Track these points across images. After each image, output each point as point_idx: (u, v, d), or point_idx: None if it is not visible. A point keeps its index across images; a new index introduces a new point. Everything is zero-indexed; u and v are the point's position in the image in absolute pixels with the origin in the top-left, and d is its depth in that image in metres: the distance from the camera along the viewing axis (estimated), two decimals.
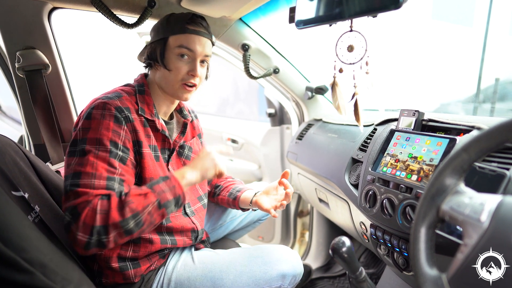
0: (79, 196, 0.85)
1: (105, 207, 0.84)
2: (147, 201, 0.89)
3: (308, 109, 1.94)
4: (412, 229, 0.65)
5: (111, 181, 0.90)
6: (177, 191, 0.94)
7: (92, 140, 0.91)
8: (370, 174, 1.11)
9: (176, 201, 0.94)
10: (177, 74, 1.04)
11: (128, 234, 0.87)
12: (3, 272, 0.69)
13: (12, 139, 1.01)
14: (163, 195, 0.91)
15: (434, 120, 1.06)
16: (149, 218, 0.89)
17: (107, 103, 0.95)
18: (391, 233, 1.02)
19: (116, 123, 0.94)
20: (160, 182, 0.94)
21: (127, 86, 1.09)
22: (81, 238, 0.82)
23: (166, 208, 0.92)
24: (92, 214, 0.83)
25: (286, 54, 1.71)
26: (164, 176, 0.97)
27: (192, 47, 1.03)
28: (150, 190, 0.91)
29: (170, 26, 1.04)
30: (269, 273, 1.07)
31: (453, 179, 0.64)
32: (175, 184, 0.94)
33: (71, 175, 0.88)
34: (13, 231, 0.73)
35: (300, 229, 2.34)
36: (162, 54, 1.04)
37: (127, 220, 0.85)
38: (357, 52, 0.84)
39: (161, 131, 1.08)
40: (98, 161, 0.89)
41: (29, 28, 1.18)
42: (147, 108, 1.05)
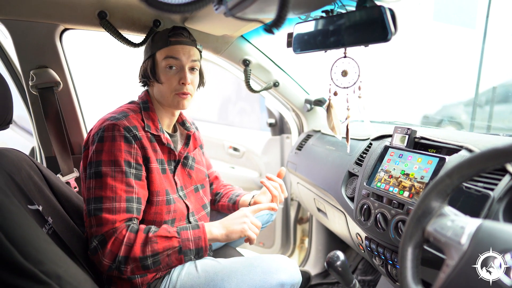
0: (104, 224, 0.93)
1: (131, 240, 0.93)
2: (169, 244, 0.96)
3: (308, 120, 2.00)
4: (400, 248, 0.71)
5: (130, 202, 0.98)
6: (200, 243, 1.00)
7: (107, 162, 0.98)
8: (365, 188, 1.16)
9: (196, 252, 1.00)
10: (169, 85, 1.10)
11: (144, 269, 0.95)
12: (23, 284, 0.75)
13: (25, 153, 1.07)
14: (187, 243, 0.98)
15: (426, 138, 1.11)
16: (166, 260, 0.97)
17: (115, 124, 1.01)
18: (384, 246, 1.07)
19: (126, 143, 1.01)
20: (189, 228, 1.01)
21: (132, 104, 1.16)
22: (106, 263, 0.92)
23: (185, 255, 0.98)
24: (118, 244, 0.92)
25: (286, 68, 1.77)
26: (195, 224, 1.03)
27: (177, 55, 1.08)
28: (176, 235, 0.98)
29: (155, 42, 1.11)
30: (268, 282, 1.11)
31: (438, 202, 0.69)
32: (201, 235, 1.00)
33: (92, 199, 0.96)
34: (31, 245, 0.79)
35: (300, 235, 2.39)
36: (152, 70, 1.11)
37: (146, 257, 0.94)
38: (350, 77, 0.90)
39: (166, 145, 1.14)
40: (116, 183, 0.97)
41: (42, 48, 1.25)
42: (152, 124, 1.11)
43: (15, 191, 0.89)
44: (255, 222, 1.09)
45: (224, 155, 2.74)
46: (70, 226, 1.12)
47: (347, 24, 0.81)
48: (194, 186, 1.26)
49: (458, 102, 4.90)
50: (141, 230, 0.96)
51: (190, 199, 1.22)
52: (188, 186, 1.24)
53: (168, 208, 1.11)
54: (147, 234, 0.96)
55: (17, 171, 0.95)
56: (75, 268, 0.90)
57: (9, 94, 0.95)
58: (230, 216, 1.09)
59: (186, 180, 1.24)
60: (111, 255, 0.92)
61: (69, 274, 0.84)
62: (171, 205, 1.11)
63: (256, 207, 1.13)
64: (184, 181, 1.23)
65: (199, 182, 1.29)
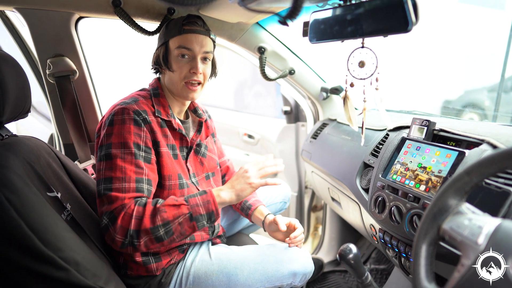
0: (114, 201, 0.95)
1: (140, 213, 0.93)
2: (179, 212, 0.96)
3: (323, 108, 1.96)
4: (414, 244, 0.69)
5: (140, 183, 0.99)
6: (210, 207, 0.99)
7: (117, 144, 0.99)
8: (380, 180, 1.14)
9: (208, 216, 0.99)
10: (180, 73, 1.09)
11: (158, 241, 0.95)
12: (43, 269, 0.79)
13: (44, 141, 1.10)
14: (196, 208, 0.98)
15: (445, 131, 1.07)
16: (179, 229, 0.96)
17: (125, 108, 1.02)
18: (398, 239, 1.06)
19: (136, 125, 1.02)
20: (197, 195, 1.00)
21: (142, 91, 1.16)
22: (118, 239, 0.93)
23: (197, 221, 0.97)
24: (128, 218, 0.93)
25: (302, 55, 1.73)
26: (202, 190, 1.03)
27: (189, 45, 1.08)
28: (184, 202, 0.98)
29: (168, 30, 1.10)
30: (280, 271, 1.13)
31: (455, 200, 0.67)
32: (210, 199, 1.00)
33: (102, 180, 0.98)
34: (50, 232, 0.82)
35: (314, 223, 2.39)
36: (165, 58, 1.10)
37: (157, 227, 0.93)
38: (368, 68, 0.87)
39: (178, 130, 1.14)
40: (125, 164, 0.98)
41: (58, 37, 1.26)
42: (162, 110, 1.12)
43: (34, 179, 0.92)
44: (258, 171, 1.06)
45: (239, 142, 2.74)
46: (88, 212, 1.15)
47: (366, 13, 0.78)
48: (205, 173, 1.27)
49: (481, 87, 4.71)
50: (149, 203, 0.96)
51: (201, 186, 1.24)
52: (200, 173, 1.25)
53: (182, 193, 1.12)
54: (155, 205, 0.96)
55: (36, 159, 0.98)
56: (92, 255, 0.93)
57: (27, 84, 0.97)
58: (235, 176, 1.07)
59: (198, 167, 1.25)
60: (122, 230, 0.92)
61: (86, 260, 0.87)
62: (184, 189, 1.12)
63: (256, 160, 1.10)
64: (196, 168, 1.24)
65: (211, 170, 1.29)
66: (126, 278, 1.14)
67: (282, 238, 1.25)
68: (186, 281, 1.14)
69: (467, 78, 5.04)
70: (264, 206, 1.37)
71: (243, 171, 1.06)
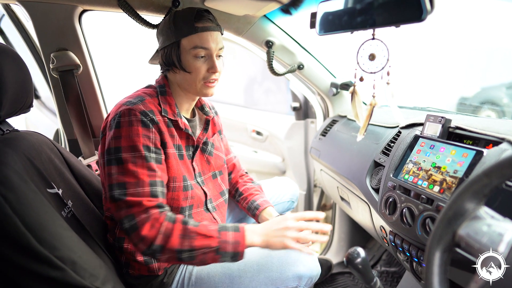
0: (132, 205, 0.93)
1: (169, 231, 0.92)
2: (207, 243, 0.94)
3: (333, 105, 1.91)
4: (426, 251, 0.64)
5: (154, 186, 0.96)
6: (238, 248, 0.97)
7: (127, 148, 0.96)
8: (391, 180, 1.08)
9: (233, 255, 0.97)
10: (198, 74, 1.05)
11: (178, 261, 0.94)
12: (39, 268, 0.77)
13: (46, 136, 1.08)
14: (225, 245, 0.95)
15: (461, 128, 1.01)
16: (201, 257, 0.95)
17: (131, 109, 0.98)
18: (410, 242, 1.01)
19: (144, 127, 0.98)
20: (230, 230, 0.98)
21: (148, 88, 1.12)
22: (141, 247, 0.92)
23: (221, 257, 0.96)
24: (155, 232, 0.91)
25: (311, 49, 1.67)
26: (237, 226, 1.00)
27: (206, 45, 1.03)
28: (216, 234, 0.95)
29: (178, 28, 1.03)
30: (285, 274, 1.09)
31: (472, 204, 0.61)
32: (240, 241, 0.97)
33: (116, 185, 0.95)
34: (46, 230, 0.80)
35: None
36: (178, 58, 1.05)
37: (183, 251, 0.92)
38: (378, 61, 0.82)
39: (184, 130, 1.11)
40: (137, 168, 0.95)
41: (61, 30, 1.24)
42: (169, 109, 1.08)
43: (33, 175, 0.90)
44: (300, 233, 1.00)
45: (247, 138, 2.70)
46: (90, 209, 1.13)
47: (376, 2, 0.72)
48: (212, 172, 1.23)
49: (499, 84, 4.54)
50: (178, 221, 0.95)
51: (208, 185, 1.20)
52: (206, 172, 1.21)
53: (185, 195, 1.09)
54: (186, 226, 0.94)
55: (37, 154, 0.96)
56: (91, 253, 0.91)
57: (28, 78, 0.95)
58: (273, 224, 1.02)
59: (205, 166, 1.21)
60: (146, 241, 0.91)
61: (83, 260, 0.84)
62: (188, 191, 1.09)
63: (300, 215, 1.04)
64: (202, 167, 1.20)
65: (217, 168, 1.26)
66: (127, 277, 1.12)
67: None
68: (189, 281, 1.11)
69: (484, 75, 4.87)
70: (272, 207, 1.33)
71: (284, 226, 1.00)
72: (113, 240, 1.11)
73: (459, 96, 4.65)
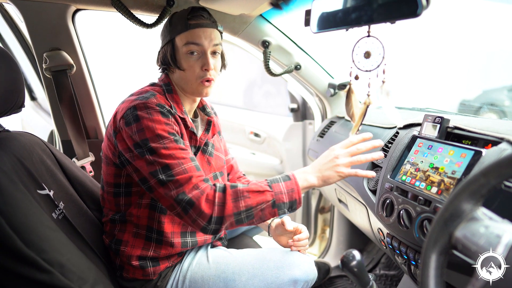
0: (183, 183, 0.92)
1: (222, 199, 0.92)
2: (262, 199, 0.93)
3: (331, 106, 1.89)
4: (422, 253, 0.62)
5: (194, 161, 0.97)
6: (294, 196, 0.95)
7: (153, 138, 0.94)
8: (388, 181, 1.06)
9: (290, 205, 0.95)
10: (192, 72, 1.04)
11: (238, 223, 0.94)
12: (25, 271, 0.75)
13: (39, 137, 1.07)
14: (280, 196, 0.94)
15: (460, 128, 0.99)
16: (260, 214, 0.94)
17: (147, 103, 0.97)
18: (407, 245, 0.98)
19: (164, 117, 0.97)
20: (280, 181, 0.96)
21: (154, 86, 1.10)
22: (200, 223, 0.91)
23: (279, 209, 0.94)
24: (211, 205, 0.91)
25: (308, 50, 1.66)
26: (286, 175, 0.98)
27: (198, 41, 1.01)
28: (268, 188, 0.94)
29: (173, 26, 1.03)
30: (280, 278, 1.07)
31: (469, 204, 0.59)
32: (294, 187, 0.95)
33: (160, 170, 0.93)
34: (34, 232, 0.78)
35: (321, 225, 2.32)
36: (173, 57, 1.04)
37: (240, 213, 0.92)
38: (374, 59, 0.79)
39: (190, 129, 1.09)
40: (172, 151, 0.94)
41: (54, 30, 1.23)
42: (177, 106, 1.07)
43: (23, 176, 0.88)
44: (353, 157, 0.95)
45: (245, 140, 2.69)
46: (83, 211, 1.11)
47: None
48: (213, 173, 1.21)
49: (501, 86, 4.52)
50: (228, 187, 0.94)
51: None
52: (207, 173, 1.19)
53: None
54: (236, 189, 0.93)
55: (28, 155, 0.95)
56: (81, 256, 0.89)
57: (19, 77, 0.93)
58: (322, 159, 0.98)
59: (205, 167, 1.19)
60: (205, 216, 0.90)
61: (72, 263, 0.82)
62: None
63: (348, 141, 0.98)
64: (203, 168, 1.18)
65: (218, 169, 1.24)
66: (121, 280, 1.10)
67: (287, 243, 1.19)
68: (182, 285, 1.09)
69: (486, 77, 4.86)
70: None
71: (333, 155, 0.96)
72: (110, 242, 1.09)
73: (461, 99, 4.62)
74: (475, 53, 4.80)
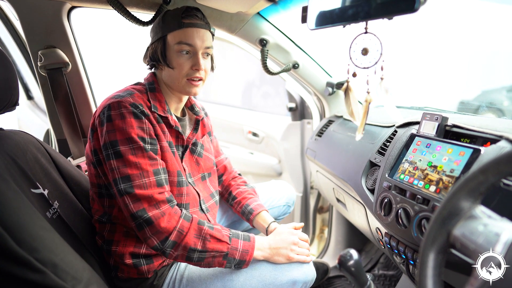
0: (140, 199, 0.93)
1: (185, 228, 0.95)
2: (218, 247, 0.98)
3: (330, 105, 1.88)
4: (420, 252, 0.61)
5: (158, 175, 0.97)
6: (245, 257, 1.01)
7: (123, 141, 0.94)
8: (386, 180, 1.05)
9: (238, 262, 1.01)
10: (181, 70, 1.03)
11: (187, 260, 0.97)
12: (17, 271, 0.73)
13: (34, 136, 1.06)
14: (234, 251, 1.00)
15: (458, 126, 0.98)
16: (209, 260, 0.98)
17: (121, 102, 0.97)
18: (405, 244, 0.97)
19: (136, 118, 0.97)
20: (241, 238, 1.03)
21: (137, 85, 1.11)
22: (153, 241, 0.93)
23: (227, 262, 1.00)
24: (171, 227, 0.93)
25: (307, 48, 1.65)
26: (247, 235, 1.05)
27: (191, 41, 1.01)
28: (228, 240, 1.00)
29: (166, 23, 1.03)
30: (279, 279, 1.05)
31: (468, 202, 0.58)
32: (249, 250, 1.02)
33: (120, 179, 0.94)
34: (26, 231, 0.77)
35: (320, 225, 2.31)
36: (163, 54, 1.04)
37: (195, 250, 0.95)
38: (371, 56, 0.78)
39: (174, 127, 1.09)
40: (138, 159, 0.94)
41: (49, 27, 1.21)
42: (159, 105, 1.06)
43: (16, 175, 0.87)
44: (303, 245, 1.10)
45: (243, 140, 2.67)
46: (78, 210, 1.10)
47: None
48: (201, 174, 1.20)
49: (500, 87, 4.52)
50: (195, 220, 0.97)
51: (198, 187, 1.17)
52: (196, 174, 1.18)
53: (180, 191, 1.06)
54: (202, 227, 0.97)
55: (22, 154, 0.93)
56: (75, 256, 0.88)
57: (13, 75, 0.92)
58: (281, 238, 1.08)
59: (194, 167, 1.18)
60: (160, 236, 0.92)
61: (65, 262, 0.81)
62: (183, 187, 1.07)
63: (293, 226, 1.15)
64: (192, 169, 1.17)
65: (207, 170, 1.23)
66: (117, 280, 1.09)
67: None
68: (180, 284, 1.08)
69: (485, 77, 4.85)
70: (267, 212, 1.30)
71: (291, 242, 1.08)
72: (102, 243, 1.08)
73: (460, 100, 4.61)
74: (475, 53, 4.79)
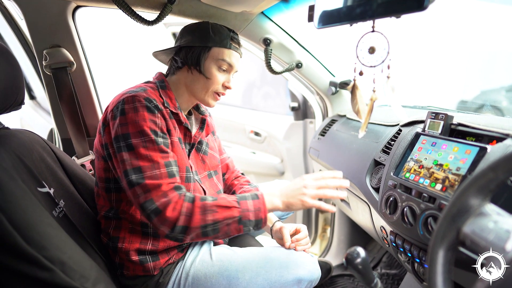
0: (150, 189, 0.92)
1: (190, 210, 0.92)
2: (229, 214, 0.94)
3: (332, 104, 1.88)
4: (429, 249, 0.62)
5: (169, 166, 0.97)
6: (260, 215, 0.97)
7: (135, 134, 0.95)
8: (391, 179, 1.06)
9: (256, 223, 0.97)
10: (214, 83, 1.09)
11: (204, 235, 0.94)
12: (26, 269, 0.73)
13: (39, 135, 1.06)
14: (246, 213, 0.96)
15: (464, 125, 0.98)
16: (225, 229, 0.95)
17: (135, 96, 0.98)
18: (411, 242, 0.98)
19: (149, 112, 0.98)
20: (249, 198, 0.99)
21: (148, 83, 1.12)
22: (163, 231, 0.92)
23: (244, 226, 0.96)
24: (177, 214, 0.91)
25: (310, 48, 1.65)
26: (255, 194, 1.00)
27: (233, 63, 1.11)
28: (236, 204, 0.96)
29: (215, 37, 1.08)
30: (285, 277, 1.06)
31: (477, 200, 0.59)
32: (261, 207, 0.97)
33: (131, 170, 0.94)
34: (34, 230, 0.77)
35: (322, 224, 2.31)
36: (203, 62, 1.08)
37: (207, 226, 0.93)
38: (378, 54, 0.79)
39: (184, 124, 1.10)
40: (149, 152, 0.95)
41: (54, 27, 1.21)
42: (170, 102, 1.08)
43: (23, 174, 0.87)
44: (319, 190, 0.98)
45: (245, 139, 2.67)
46: (83, 209, 1.10)
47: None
48: (207, 172, 1.21)
49: (499, 87, 4.52)
50: (197, 199, 0.94)
51: (205, 184, 1.18)
52: (202, 171, 1.19)
53: (187, 186, 1.07)
54: (205, 202, 0.94)
55: (28, 152, 0.94)
56: (82, 254, 0.88)
57: (19, 74, 0.92)
58: (291, 185, 1.01)
59: (200, 165, 1.19)
60: (169, 224, 0.91)
61: (74, 260, 0.81)
62: (190, 183, 1.08)
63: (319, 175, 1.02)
64: (198, 166, 1.18)
65: (212, 168, 1.24)
66: (122, 278, 1.09)
67: (288, 246, 1.18)
68: (185, 282, 1.08)
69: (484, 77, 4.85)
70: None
71: (302, 185, 0.99)
72: (108, 240, 1.08)
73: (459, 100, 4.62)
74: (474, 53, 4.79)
